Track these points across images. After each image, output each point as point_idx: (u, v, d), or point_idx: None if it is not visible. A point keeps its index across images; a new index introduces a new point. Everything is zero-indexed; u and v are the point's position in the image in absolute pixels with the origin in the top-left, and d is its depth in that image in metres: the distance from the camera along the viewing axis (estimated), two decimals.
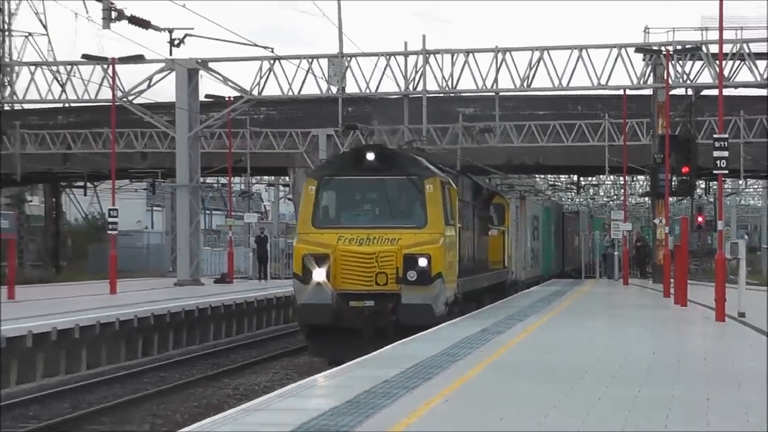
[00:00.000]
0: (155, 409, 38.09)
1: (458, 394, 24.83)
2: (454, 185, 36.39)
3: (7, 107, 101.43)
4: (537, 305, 55.22)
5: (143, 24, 57.27)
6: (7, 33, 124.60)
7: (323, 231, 32.73)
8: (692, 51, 78.41)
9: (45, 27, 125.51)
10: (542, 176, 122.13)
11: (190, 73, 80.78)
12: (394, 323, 31.73)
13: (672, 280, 62.47)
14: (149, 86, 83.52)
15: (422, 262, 31.11)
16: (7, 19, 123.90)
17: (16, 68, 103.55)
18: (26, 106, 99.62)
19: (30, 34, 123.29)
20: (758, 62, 75.06)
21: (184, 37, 72.83)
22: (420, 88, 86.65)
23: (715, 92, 65.58)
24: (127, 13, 53.11)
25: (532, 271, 78.58)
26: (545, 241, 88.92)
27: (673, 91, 76.43)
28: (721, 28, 51.37)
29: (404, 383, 25.54)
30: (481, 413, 21.43)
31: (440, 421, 20.67)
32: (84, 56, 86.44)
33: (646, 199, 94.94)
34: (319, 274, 30.97)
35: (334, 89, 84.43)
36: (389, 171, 32.84)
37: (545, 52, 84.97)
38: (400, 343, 35.01)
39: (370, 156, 32.89)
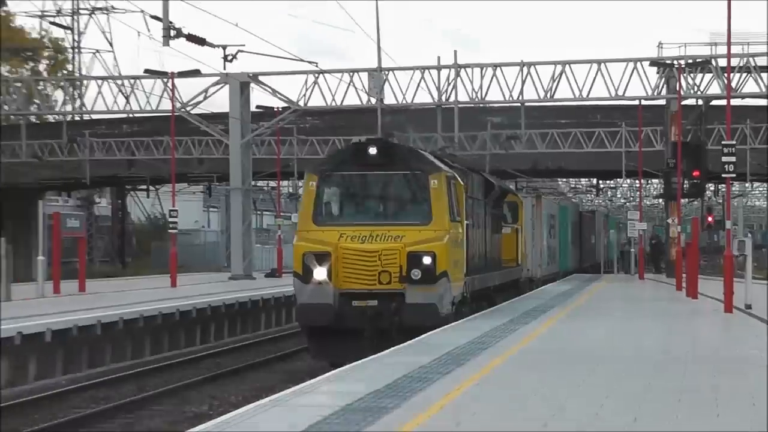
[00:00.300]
0: (213, 391, 38.02)
1: (489, 378, 24.81)
2: (461, 181, 33.29)
3: (77, 118, 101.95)
4: (559, 298, 55.29)
5: (199, 41, 57.34)
6: (77, 50, 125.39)
7: (324, 228, 30.19)
8: (702, 64, 78.42)
9: (111, 44, 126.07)
10: (564, 179, 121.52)
11: (242, 86, 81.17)
12: (398, 324, 29.18)
13: (684, 275, 62.00)
14: (205, 98, 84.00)
15: (426, 260, 28.55)
16: (77, 38, 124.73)
17: (85, 82, 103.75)
18: (94, 116, 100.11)
19: (97, 51, 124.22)
20: (763, 74, 74.94)
21: (237, 53, 73.08)
22: (452, 99, 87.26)
23: (723, 102, 65.44)
24: (185, 31, 53.20)
25: (549, 268, 75.71)
26: (562, 239, 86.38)
27: (685, 102, 76.25)
28: (729, 44, 51.30)
29: (439, 369, 25.43)
30: (509, 395, 21.60)
31: (473, 402, 20.48)
32: (146, 71, 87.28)
33: (660, 200, 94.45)
34: (319, 273, 28.71)
35: (373, 100, 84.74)
36: (392, 165, 30.44)
37: (567, 65, 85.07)
38: (433, 333, 33.64)
39: (372, 150, 30.32)
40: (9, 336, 38.67)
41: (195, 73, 78.26)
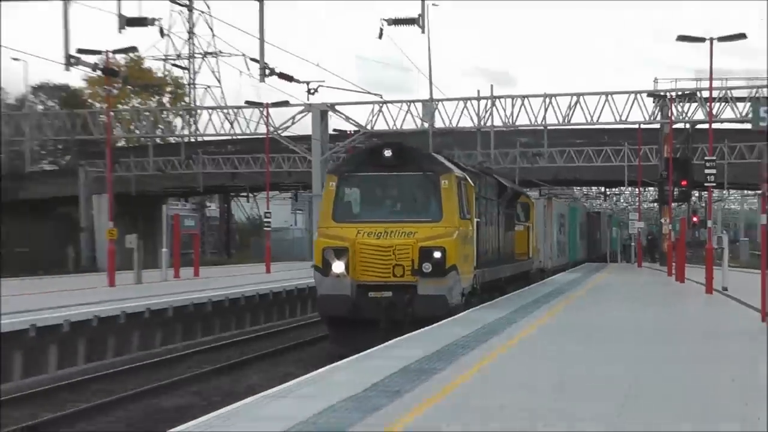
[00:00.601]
0: (300, 355, 37.98)
1: (519, 345, 25.06)
2: (471, 182, 30.99)
3: (192, 139, 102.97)
4: (573, 283, 55.32)
5: (288, 78, 57.41)
6: (192, 86, 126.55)
7: (343, 225, 27.93)
8: (689, 96, 78.41)
9: (219, 81, 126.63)
10: (578, 188, 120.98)
11: (322, 113, 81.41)
12: (411, 314, 27.13)
13: (674, 264, 62.52)
14: (293, 123, 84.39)
15: (437, 254, 26.49)
16: (192, 76, 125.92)
17: (199, 111, 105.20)
18: (206, 138, 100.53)
19: (208, 86, 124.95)
20: (738, 104, 74.62)
21: (318, 87, 73.53)
22: (488, 123, 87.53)
23: (706, 126, 65.26)
24: (277, 70, 53.10)
25: (559, 260, 72.88)
26: (571, 235, 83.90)
27: (675, 126, 76.02)
28: (711, 80, 51.72)
29: (478, 338, 25.33)
30: (535, 358, 22.16)
31: (507, 364, 21.00)
32: (246, 102, 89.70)
33: (655, 204, 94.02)
34: (338, 267, 26.66)
35: (426, 125, 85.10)
36: (406, 167, 28.24)
37: (580, 96, 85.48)
38: (470, 311, 33.05)
39: (388, 153, 28.09)
40: (140, 311, 38.71)
41: (284, 103, 79.05)
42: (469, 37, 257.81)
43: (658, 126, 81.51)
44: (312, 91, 74.53)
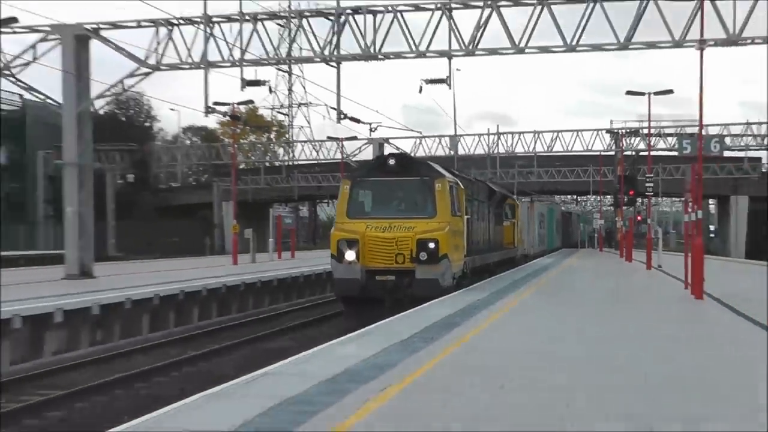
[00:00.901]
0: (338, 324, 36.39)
1: (521, 303, 25.37)
2: (462, 186, 29.44)
3: (290, 163, 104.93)
4: (555, 262, 56.17)
5: (356, 120, 56.95)
6: (290, 126, 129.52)
7: (355, 221, 26.42)
8: (634, 132, 78.77)
9: (308, 122, 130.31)
10: (558, 196, 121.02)
11: (380, 145, 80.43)
12: (410, 294, 25.54)
13: (624, 249, 62.93)
14: (359, 152, 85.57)
15: (431, 245, 25.16)
16: (290, 119, 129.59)
17: (295, 144, 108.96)
18: (299, 162, 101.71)
19: (302, 126, 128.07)
20: (668, 138, 74.76)
21: (377, 126, 73.50)
22: (495, 151, 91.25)
23: (646, 153, 65.47)
24: (349, 115, 52.99)
25: (539, 247, 70.95)
26: (549, 229, 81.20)
27: (625, 153, 76.00)
28: (649, 120, 51.72)
29: (489, 301, 25.19)
30: (533, 312, 22.79)
31: (510, 318, 21.04)
32: (328, 137, 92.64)
33: (612, 207, 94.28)
34: (350, 255, 25.32)
35: (452, 152, 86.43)
36: (407, 173, 26.75)
37: (559, 133, 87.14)
38: (484, 282, 32.95)
39: (392, 162, 26.90)
40: (253, 282, 38.24)
41: (353, 138, 79.19)
42: (482, 90, 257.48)
43: (613, 153, 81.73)
44: (373, 129, 74.70)
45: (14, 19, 35.65)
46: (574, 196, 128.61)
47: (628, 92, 53.70)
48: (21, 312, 23.67)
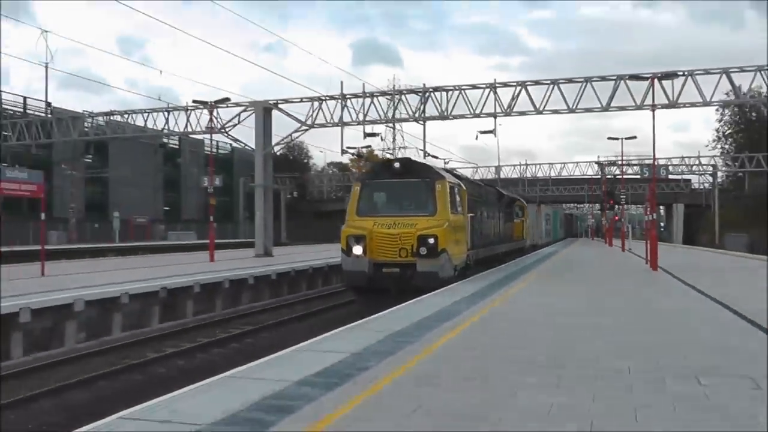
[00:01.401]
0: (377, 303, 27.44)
1: (531, 283, 20.52)
2: (464, 188, 23.74)
3: None
4: (557, 250, 54.92)
5: (435, 157, 56.88)
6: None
7: (364, 218, 21.13)
8: (613, 163, 77.55)
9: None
10: (565, 204, 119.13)
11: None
12: (413, 285, 20.36)
13: (607, 239, 62.10)
14: None
15: (431, 240, 20.06)
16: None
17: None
18: None
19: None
20: (635, 167, 73.83)
21: (449, 161, 72.44)
22: (524, 176, 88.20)
23: (621, 177, 64.62)
24: (431, 154, 53.03)
25: (546, 239, 63.57)
26: (554, 225, 75.64)
27: (607, 177, 75.05)
28: (622, 155, 51.53)
29: (503, 282, 20.46)
30: (541, 291, 18.23)
31: (519, 298, 16.05)
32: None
33: (599, 211, 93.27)
34: (357, 249, 20.22)
35: (496, 177, 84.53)
36: (411, 175, 21.58)
37: (565, 164, 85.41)
38: (500, 267, 27.74)
39: (397, 165, 21.78)
40: (305, 269, 29.24)
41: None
42: (515, 136, 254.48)
43: (600, 177, 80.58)
44: (446, 162, 74.19)
45: (228, 99, 36.88)
46: (575, 204, 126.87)
47: (609, 137, 54.46)
48: (229, 277, 23.44)
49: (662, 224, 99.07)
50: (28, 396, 12.15)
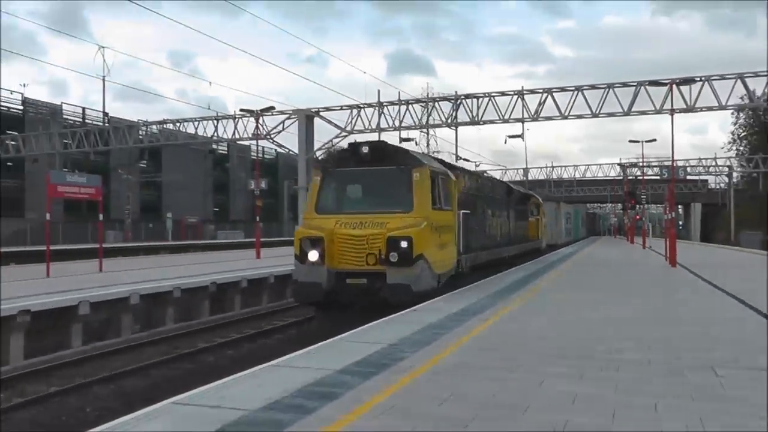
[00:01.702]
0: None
1: (552, 280, 19.85)
2: (453, 177, 17.95)
3: None
4: (579, 246, 54.40)
5: (466, 160, 56.51)
6: None
7: (324, 216, 16.16)
8: (634, 165, 76.73)
9: None
10: (590, 203, 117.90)
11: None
12: (383, 300, 15.13)
13: (628, 237, 61.43)
14: None
15: (403, 244, 15.00)
16: None
17: None
18: None
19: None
20: (654, 168, 72.90)
21: (479, 164, 72.27)
22: (551, 178, 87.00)
23: (641, 177, 63.89)
24: (463, 157, 52.74)
25: (566, 238, 57.41)
26: (575, 224, 70.65)
27: (629, 178, 74.32)
28: (643, 158, 50.76)
29: (525, 280, 19.63)
30: (558, 289, 17.31)
31: (532, 304, 13.29)
32: None
33: (621, 210, 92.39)
34: (313, 255, 15.30)
35: (524, 178, 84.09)
36: (382, 162, 16.30)
37: (589, 166, 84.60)
38: (507, 272, 23.02)
39: (365, 149, 16.43)
40: None
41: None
42: (542, 139, 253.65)
43: (621, 177, 79.67)
44: (477, 165, 73.97)
45: (273, 107, 37.06)
46: (598, 204, 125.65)
47: (630, 141, 54.21)
48: (273, 273, 23.27)
49: (680, 223, 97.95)
50: (86, 382, 12.29)
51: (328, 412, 5.94)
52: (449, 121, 38.47)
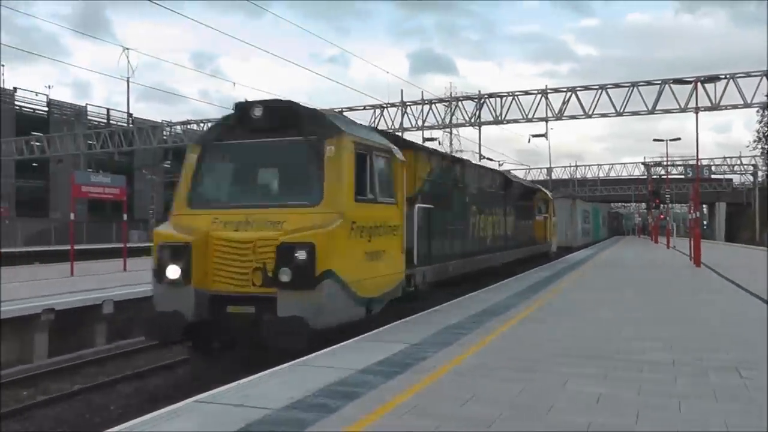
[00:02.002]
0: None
1: (573, 281, 20.08)
2: (399, 156, 11.16)
3: None
4: (599, 248, 53.90)
5: (489, 159, 56.33)
6: None
7: (198, 212, 9.68)
8: (658, 164, 76.09)
9: None
10: (613, 203, 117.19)
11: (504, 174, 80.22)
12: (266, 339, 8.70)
13: (653, 236, 60.88)
14: None
15: (300, 254, 8.47)
16: None
17: None
18: None
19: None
20: (679, 167, 72.30)
21: (503, 163, 71.69)
22: (574, 177, 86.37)
23: (666, 177, 63.42)
24: (486, 156, 52.72)
25: (584, 239, 51.29)
26: (595, 224, 64.09)
27: (653, 177, 73.78)
28: (667, 157, 50.43)
29: (536, 287, 17.36)
30: (578, 290, 17.39)
31: (551, 306, 12.65)
32: None
33: (645, 210, 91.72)
34: (173, 271, 9.07)
35: (547, 179, 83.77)
36: (282, 132, 9.58)
37: (612, 166, 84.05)
38: (539, 268, 23.52)
39: (258, 112, 9.71)
40: None
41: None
42: (566, 139, 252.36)
43: (645, 177, 79.18)
44: (500, 164, 73.57)
45: None
46: (622, 204, 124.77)
47: (654, 139, 53.73)
48: None
49: (705, 222, 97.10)
50: (110, 380, 12.30)
51: (351, 412, 5.93)
52: (473, 120, 38.45)
